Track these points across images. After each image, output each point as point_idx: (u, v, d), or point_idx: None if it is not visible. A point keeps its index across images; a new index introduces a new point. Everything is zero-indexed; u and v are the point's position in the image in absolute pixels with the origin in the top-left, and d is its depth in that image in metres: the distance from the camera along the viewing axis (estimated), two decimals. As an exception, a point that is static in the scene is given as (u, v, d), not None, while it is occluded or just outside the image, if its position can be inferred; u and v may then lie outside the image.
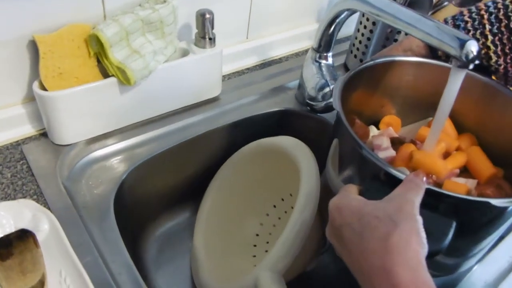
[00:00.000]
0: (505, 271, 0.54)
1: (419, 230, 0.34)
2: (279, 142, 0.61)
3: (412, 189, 0.37)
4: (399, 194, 0.36)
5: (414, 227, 0.34)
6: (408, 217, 0.34)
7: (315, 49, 0.68)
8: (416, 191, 0.36)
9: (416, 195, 0.36)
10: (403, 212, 0.34)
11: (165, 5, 0.59)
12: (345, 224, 0.36)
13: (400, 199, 0.36)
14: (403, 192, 0.36)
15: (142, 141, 0.63)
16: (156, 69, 0.60)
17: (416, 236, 0.33)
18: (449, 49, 0.45)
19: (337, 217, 0.37)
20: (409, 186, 0.37)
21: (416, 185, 0.37)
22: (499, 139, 0.54)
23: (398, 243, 0.32)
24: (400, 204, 0.35)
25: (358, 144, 0.41)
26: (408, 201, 0.35)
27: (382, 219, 0.34)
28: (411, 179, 0.38)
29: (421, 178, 0.37)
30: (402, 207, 0.35)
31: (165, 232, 0.70)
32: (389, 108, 0.60)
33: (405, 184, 0.38)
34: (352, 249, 0.35)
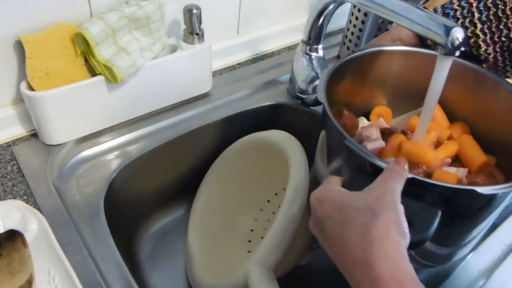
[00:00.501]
0: (499, 259, 0.54)
1: (400, 219, 0.34)
2: (269, 136, 0.60)
3: (392, 177, 0.36)
4: (379, 183, 0.36)
5: (394, 217, 0.33)
6: (388, 206, 0.34)
7: (305, 42, 0.67)
8: (397, 179, 0.36)
9: (397, 183, 0.36)
10: (383, 201, 0.34)
11: (151, 2, 0.59)
12: (326, 216, 0.36)
13: (380, 188, 0.35)
14: (384, 181, 0.36)
15: (132, 139, 0.63)
16: (143, 66, 0.60)
17: (396, 226, 0.33)
18: (435, 37, 0.44)
19: (318, 210, 0.37)
20: (389, 175, 0.36)
21: (396, 173, 0.36)
22: (491, 127, 0.54)
23: (378, 234, 0.32)
24: (380, 193, 0.35)
25: (342, 135, 0.41)
26: (388, 190, 0.35)
27: (362, 210, 0.34)
28: (392, 167, 0.37)
29: (402, 165, 0.37)
30: (382, 196, 0.34)
31: (160, 230, 0.70)
32: (379, 98, 0.60)
33: (386, 172, 0.37)
34: (334, 242, 0.35)
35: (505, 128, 0.51)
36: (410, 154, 0.49)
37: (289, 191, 0.51)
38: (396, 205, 0.34)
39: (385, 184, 0.36)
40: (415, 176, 0.37)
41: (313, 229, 0.39)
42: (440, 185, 0.37)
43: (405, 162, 0.37)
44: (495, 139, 0.53)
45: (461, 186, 0.39)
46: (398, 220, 0.33)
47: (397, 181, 0.36)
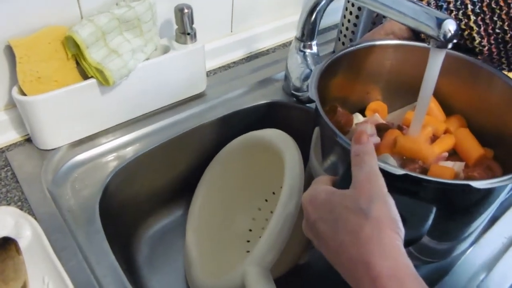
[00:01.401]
0: (500, 252, 0.53)
1: (391, 213, 0.33)
2: (263, 135, 0.60)
3: (363, 161, 0.35)
4: (357, 175, 0.35)
5: (385, 212, 0.33)
6: (377, 200, 0.33)
7: (298, 38, 0.67)
8: (369, 159, 0.35)
9: (371, 163, 0.35)
10: (370, 195, 0.33)
11: (141, 2, 0.58)
12: (318, 218, 0.35)
13: (362, 181, 0.34)
14: (359, 170, 0.35)
15: (127, 141, 0.62)
16: (136, 68, 0.60)
17: (389, 221, 0.32)
18: (427, 29, 0.43)
19: (310, 212, 0.36)
20: (359, 160, 0.36)
21: (364, 153, 0.36)
22: (488, 119, 0.53)
23: (371, 233, 0.32)
24: (365, 187, 0.34)
25: (334, 132, 0.40)
26: (371, 179, 0.34)
27: (352, 209, 0.33)
28: (355, 151, 0.36)
29: (363, 140, 0.36)
30: (368, 190, 0.34)
31: (158, 232, 0.70)
32: (374, 94, 0.59)
33: (354, 159, 0.36)
34: (329, 244, 0.34)
35: (502, 120, 0.51)
36: (406, 149, 0.49)
37: (284, 191, 0.50)
38: (385, 197, 0.33)
39: (363, 173, 0.35)
40: (407, 172, 0.36)
41: (307, 231, 0.38)
42: (433, 180, 0.37)
43: (363, 134, 0.36)
44: (492, 132, 0.52)
45: (455, 181, 0.39)
46: (390, 215, 0.33)
47: (370, 161, 0.35)
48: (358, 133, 0.37)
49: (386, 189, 0.34)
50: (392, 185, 0.37)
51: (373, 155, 0.36)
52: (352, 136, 0.38)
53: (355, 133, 0.37)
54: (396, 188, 0.37)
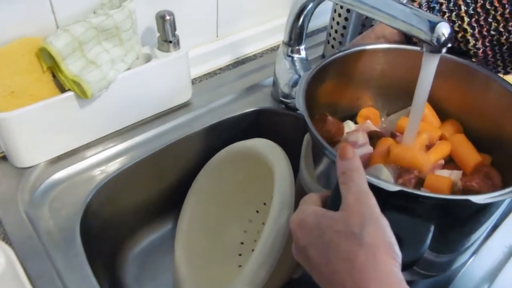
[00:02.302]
0: (501, 262, 0.51)
1: (386, 236, 0.30)
2: (252, 145, 0.58)
3: (351, 178, 0.33)
4: (346, 195, 0.33)
5: (379, 236, 0.30)
6: (369, 224, 0.30)
7: (286, 43, 0.64)
8: (356, 177, 0.33)
9: (359, 181, 0.32)
10: (362, 217, 0.31)
11: (120, 10, 0.56)
12: (309, 244, 0.33)
13: (352, 202, 0.32)
14: (348, 190, 0.33)
15: (110, 156, 0.60)
16: (116, 79, 0.57)
17: (384, 245, 0.30)
18: (419, 33, 0.41)
19: (300, 237, 0.34)
20: (346, 178, 0.33)
21: (351, 171, 0.33)
22: (484, 123, 0.51)
23: (366, 260, 0.29)
24: (355, 208, 0.31)
25: (321, 145, 0.38)
26: (361, 199, 0.32)
27: (344, 234, 0.31)
28: (341, 168, 0.34)
29: (348, 156, 0.34)
30: (358, 211, 0.31)
31: (145, 248, 0.67)
32: (365, 99, 0.57)
33: (342, 178, 0.34)
34: (321, 270, 0.32)
35: (498, 124, 0.49)
36: (400, 159, 0.47)
37: (274, 205, 0.48)
38: (378, 219, 0.31)
39: (352, 193, 0.32)
40: (402, 188, 0.34)
41: (297, 256, 0.35)
42: (431, 197, 0.34)
43: (348, 149, 0.34)
44: (489, 136, 0.50)
45: (454, 196, 0.36)
46: (384, 238, 0.30)
47: (358, 179, 0.33)
48: (343, 148, 0.34)
49: (378, 210, 0.32)
50: (386, 202, 0.35)
51: (361, 172, 0.34)
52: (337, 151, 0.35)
53: (339, 148, 0.35)
54: (391, 205, 0.35)
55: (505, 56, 0.46)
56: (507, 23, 0.44)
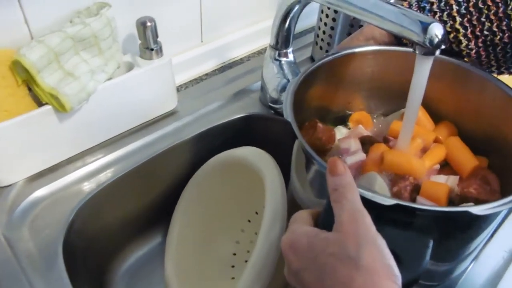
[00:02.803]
0: (501, 268, 0.49)
1: (385, 258, 0.28)
2: (240, 154, 0.56)
3: (344, 195, 0.31)
4: (340, 214, 0.31)
5: (377, 258, 0.28)
6: (366, 245, 0.28)
7: (273, 47, 0.62)
8: (349, 193, 0.31)
9: (353, 198, 0.31)
10: (358, 240, 0.29)
11: (98, 18, 0.53)
12: (303, 268, 0.31)
13: (346, 221, 0.30)
14: (341, 208, 0.31)
15: (93, 170, 0.57)
16: (96, 90, 0.54)
17: (383, 268, 0.28)
18: (411, 35, 0.39)
19: (292, 260, 0.32)
20: (339, 195, 0.31)
21: (343, 187, 0.31)
22: (479, 125, 0.49)
23: (364, 285, 0.27)
24: (350, 227, 0.29)
25: (312, 157, 0.36)
26: (356, 217, 0.30)
27: (339, 257, 0.29)
28: (333, 184, 0.32)
29: (339, 171, 0.32)
30: (354, 234, 0.29)
31: (134, 264, 0.65)
32: (357, 103, 0.55)
33: (333, 194, 0.32)
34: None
35: (494, 125, 0.47)
36: (394, 165, 0.45)
37: (266, 216, 0.46)
38: (374, 239, 0.29)
39: (346, 212, 0.30)
40: (399, 202, 0.32)
41: (290, 279, 0.33)
42: (429, 209, 0.32)
43: (338, 164, 0.32)
44: (485, 138, 0.49)
45: (453, 209, 0.35)
46: (383, 261, 0.28)
47: (352, 196, 0.31)
48: (333, 163, 0.32)
49: (374, 229, 0.30)
50: (382, 217, 0.33)
51: (354, 187, 0.32)
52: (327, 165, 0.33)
53: (329, 162, 0.33)
54: (387, 220, 0.33)
55: (499, 57, 0.45)
56: (500, 23, 0.42)
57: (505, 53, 0.44)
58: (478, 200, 0.41)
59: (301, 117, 0.50)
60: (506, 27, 0.42)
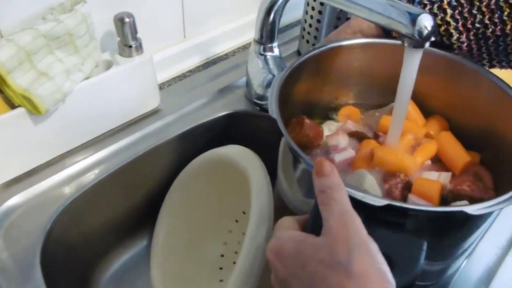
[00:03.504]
0: (495, 265, 0.48)
1: (377, 263, 0.27)
2: (225, 153, 0.54)
3: (331, 197, 0.29)
4: (328, 217, 0.29)
5: (369, 263, 0.26)
6: (357, 251, 0.27)
7: (257, 41, 0.60)
8: (336, 195, 0.29)
9: (341, 199, 0.29)
10: (349, 245, 0.27)
11: (72, 15, 0.51)
12: (290, 276, 0.29)
13: (337, 228, 0.28)
14: (329, 211, 0.29)
15: (73, 174, 0.55)
16: (73, 90, 0.52)
17: (376, 275, 0.26)
18: (399, 27, 0.38)
19: (279, 268, 0.30)
20: (326, 197, 0.29)
21: (330, 188, 0.30)
22: (472, 120, 0.48)
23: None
24: (341, 235, 0.28)
25: (299, 156, 0.34)
26: (348, 226, 0.28)
27: (329, 264, 0.27)
28: (320, 186, 0.30)
29: (326, 172, 0.30)
30: (345, 238, 0.27)
31: (119, 270, 0.62)
32: (345, 98, 0.53)
33: (320, 197, 0.30)
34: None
35: (487, 120, 0.46)
36: (385, 162, 0.43)
37: (252, 219, 0.44)
38: (366, 244, 0.27)
39: (334, 215, 0.28)
40: (391, 202, 0.30)
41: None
42: (423, 210, 0.31)
43: (325, 164, 0.31)
44: (477, 133, 0.47)
45: (447, 208, 0.33)
46: (376, 266, 0.27)
47: (340, 197, 0.29)
48: (319, 163, 0.31)
49: (365, 232, 0.28)
50: (373, 218, 0.31)
51: (342, 188, 0.30)
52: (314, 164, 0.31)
53: (315, 163, 0.31)
54: (378, 221, 0.31)
55: (491, 50, 0.43)
56: (492, 15, 0.40)
57: (497, 46, 0.42)
58: (472, 198, 0.40)
59: (288, 113, 0.49)
60: (498, 20, 0.40)
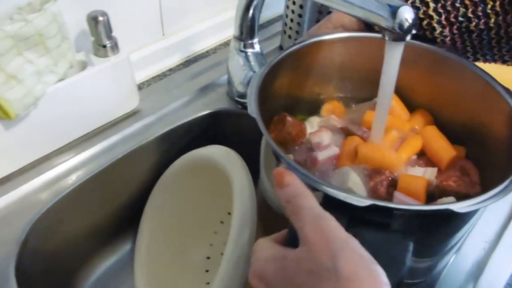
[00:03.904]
0: (483, 259, 0.48)
1: (364, 259, 0.26)
2: (207, 153, 0.52)
3: (300, 206, 0.28)
4: (303, 226, 0.28)
5: (356, 264, 0.25)
6: (342, 252, 0.26)
7: (237, 38, 0.59)
8: (304, 202, 0.28)
9: (310, 205, 0.28)
10: (331, 249, 0.26)
11: (41, 14, 0.48)
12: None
13: (313, 236, 0.27)
14: (300, 220, 0.28)
15: (49, 180, 0.53)
16: (45, 93, 0.50)
17: (367, 276, 0.25)
18: (379, 20, 0.36)
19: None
20: (295, 208, 0.28)
21: (296, 196, 0.28)
22: (456, 113, 0.47)
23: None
24: (320, 241, 0.26)
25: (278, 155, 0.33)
26: (324, 230, 0.27)
27: (317, 273, 0.26)
28: (285, 196, 0.29)
29: (286, 182, 0.29)
30: (325, 244, 0.26)
31: (102, 277, 0.60)
32: (328, 93, 0.52)
33: (289, 208, 0.29)
34: None
35: (472, 113, 0.45)
36: (369, 159, 0.42)
37: (235, 221, 0.43)
38: (348, 243, 0.26)
39: (307, 222, 0.27)
40: (374, 202, 0.29)
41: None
42: (408, 209, 0.30)
43: (284, 175, 0.30)
44: (461, 126, 0.46)
45: (433, 207, 0.32)
46: (364, 265, 0.25)
47: (309, 203, 0.28)
48: (278, 174, 0.30)
49: (342, 230, 0.27)
50: (357, 219, 0.30)
51: (308, 194, 0.29)
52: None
53: (274, 175, 0.30)
54: (362, 222, 0.30)
55: (475, 43, 0.42)
56: (476, 8, 0.39)
57: (481, 39, 0.41)
58: (458, 194, 0.39)
59: (271, 110, 0.47)
60: (482, 13, 0.39)
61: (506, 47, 0.41)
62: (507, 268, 0.47)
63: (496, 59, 0.44)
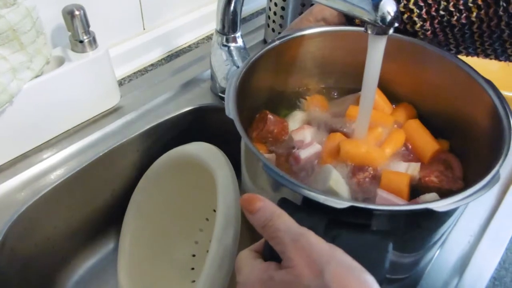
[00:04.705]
0: (467, 253, 0.48)
1: (351, 269, 0.25)
2: (190, 150, 0.51)
3: (276, 229, 0.27)
4: (287, 251, 0.27)
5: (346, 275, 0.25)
6: (327, 267, 0.25)
7: (219, 32, 0.57)
8: (280, 222, 0.28)
9: (286, 224, 0.27)
10: (317, 265, 0.25)
11: (15, 9, 0.47)
12: None
13: (296, 255, 0.26)
14: (282, 245, 0.27)
15: (27, 179, 0.51)
16: (21, 90, 0.48)
17: (355, 281, 0.25)
18: (361, 13, 0.36)
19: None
20: (271, 231, 0.28)
21: (272, 220, 0.28)
22: (439, 106, 0.47)
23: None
24: (304, 260, 0.26)
25: (258, 159, 0.32)
26: (306, 247, 0.26)
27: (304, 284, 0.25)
28: (259, 222, 0.29)
29: (256, 207, 0.29)
30: (310, 261, 0.26)
31: (84, 277, 0.59)
32: (311, 87, 0.51)
33: (266, 233, 0.28)
34: None
35: (454, 106, 0.45)
36: (352, 156, 0.42)
37: (219, 220, 0.42)
38: (333, 256, 0.26)
39: (287, 244, 0.27)
40: (353, 204, 0.29)
41: None
42: (387, 210, 0.29)
43: (253, 200, 0.29)
44: (445, 120, 0.46)
45: (413, 206, 0.31)
46: (354, 275, 0.25)
47: (285, 223, 0.27)
48: (247, 201, 0.29)
49: (324, 244, 0.26)
50: (337, 221, 0.29)
51: (281, 214, 0.28)
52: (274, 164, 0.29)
53: (242, 202, 0.29)
54: (342, 224, 0.30)
55: (457, 37, 0.42)
56: (457, 2, 0.39)
57: (463, 33, 0.41)
58: (441, 189, 0.39)
59: (253, 106, 0.46)
60: (464, 7, 0.39)
61: (488, 41, 0.41)
62: (492, 261, 0.47)
63: (479, 52, 0.43)
